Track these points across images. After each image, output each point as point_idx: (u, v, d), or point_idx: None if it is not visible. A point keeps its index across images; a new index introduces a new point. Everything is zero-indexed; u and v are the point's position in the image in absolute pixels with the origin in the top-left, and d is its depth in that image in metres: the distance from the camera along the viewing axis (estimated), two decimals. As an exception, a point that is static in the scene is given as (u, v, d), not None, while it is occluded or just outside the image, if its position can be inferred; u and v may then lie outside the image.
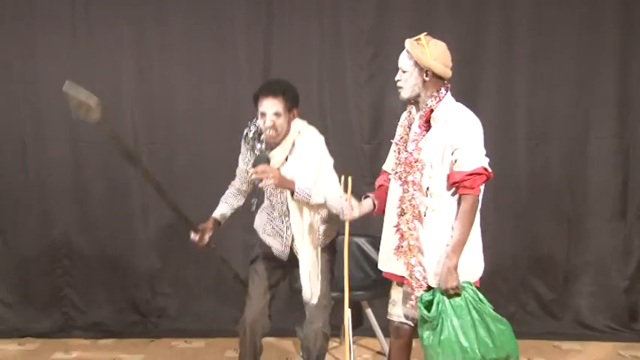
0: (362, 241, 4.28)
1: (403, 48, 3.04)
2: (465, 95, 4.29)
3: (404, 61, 2.88)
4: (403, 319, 3.00)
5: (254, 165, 3.09)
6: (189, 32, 4.42)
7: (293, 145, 3.22)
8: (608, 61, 4.39)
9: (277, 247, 3.36)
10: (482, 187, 2.83)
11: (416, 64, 2.84)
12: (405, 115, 2.99)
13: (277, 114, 3.14)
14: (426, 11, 4.41)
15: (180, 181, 4.50)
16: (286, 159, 3.22)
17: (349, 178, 3.01)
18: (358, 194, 3.06)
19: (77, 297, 4.71)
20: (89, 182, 4.61)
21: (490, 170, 2.81)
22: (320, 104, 4.55)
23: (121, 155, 3.09)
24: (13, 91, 4.60)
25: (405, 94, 2.89)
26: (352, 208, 2.97)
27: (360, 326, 4.39)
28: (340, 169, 3.15)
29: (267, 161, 3.10)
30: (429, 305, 2.81)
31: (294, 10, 4.45)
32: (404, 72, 2.88)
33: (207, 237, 3.37)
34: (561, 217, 4.54)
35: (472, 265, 2.89)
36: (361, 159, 4.50)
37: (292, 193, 3.14)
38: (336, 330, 4.41)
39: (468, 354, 2.74)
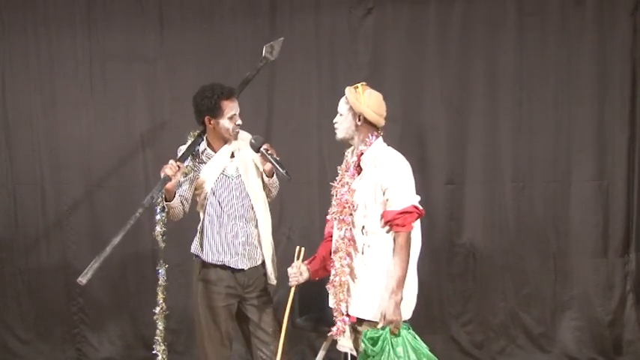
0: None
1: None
2: (455, 141, 4.64)
3: (341, 105, 3.10)
4: (347, 350, 3.12)
5: (259, 146, 3.24)
6: (199, 84, 4.60)
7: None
8: (585, 109, 4.57)
9: (232, 258, 3.35)
10: (417, 224, 3.01)
11: (351, 108, 3.04)
12: (344, 160, 3.19)
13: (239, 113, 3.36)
14: (416, 65, 4.65)
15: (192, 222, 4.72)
16: (232, 154, 3.39)
17: (302, 249, 3.22)
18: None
19: (90, 333, 4.89)
20: (103, 224, 4.81)
21: (421, 208, 2.97)
22: (319, 149, 4.77)
23: None
24: (33, 141, 4.88)
25: (339, 134, 3.10)
26: (302, 274, 3.18)
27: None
28: (295, 242, 3.37)
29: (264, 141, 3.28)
30: (374, 341, 2.90)
31: (294, 65, 4.68)
32: (340, 115, 3.09)
33: None
34: (547, 254, 4.67)
35: (405, 303, 2.98)
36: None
37: (272, 174, 3.35)
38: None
39: None
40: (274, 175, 3.44)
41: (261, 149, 3.26)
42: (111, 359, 4.88)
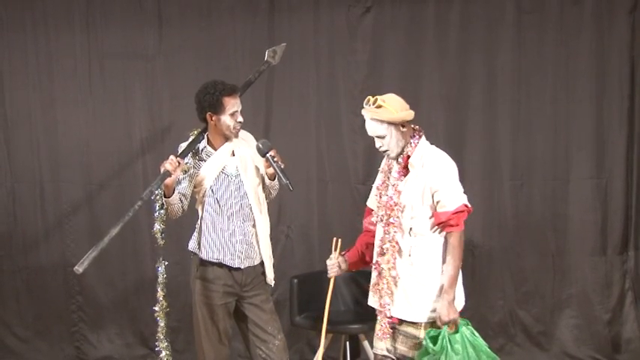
0: (359, 277, 4.38)
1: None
2: (453, 139, 4.64)
3: (376, 128, 2.97)
4: (386, 353, 3.10)
5: (266, 152, 3.22)
6: (198, 84, 4.60)
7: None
8: (584, 107, 4.57)
9: (229, 256, 3.36)
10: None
11: (389, 124, 2.96)
12: (384, 160, 3.15)
13: (240, 110, 3.35)
14: (415, 63, 4.64)
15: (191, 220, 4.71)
16: (233, 153, 3.39)
17: (339, 240, 3.24)
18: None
19: (89, 332, 4.89)
20: (102, 223, 4.79)
21: (470, 205, 2.98)
22: (318, 148, 4.77)
23: None
24: (32, 139, 4.88)
25: (393, 153, 3.00)
26: (340, 266, 3.21)
27: (358, 358, 4.46)
28: (331, 233, 3.39)
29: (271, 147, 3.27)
30: (434, 340, 2.91)
31: (293, 63, 4.66)
32: (382, 137, 2.98)
33: None
34: (545, 253, 4.66)
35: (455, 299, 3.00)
36: (356, 198, 4.65)
37: (274, 177, 3.34)
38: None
39: None
40: (275, 178, 3.44)
41: (268, 155, 3.25)
42: (110, 357, 4.88)
